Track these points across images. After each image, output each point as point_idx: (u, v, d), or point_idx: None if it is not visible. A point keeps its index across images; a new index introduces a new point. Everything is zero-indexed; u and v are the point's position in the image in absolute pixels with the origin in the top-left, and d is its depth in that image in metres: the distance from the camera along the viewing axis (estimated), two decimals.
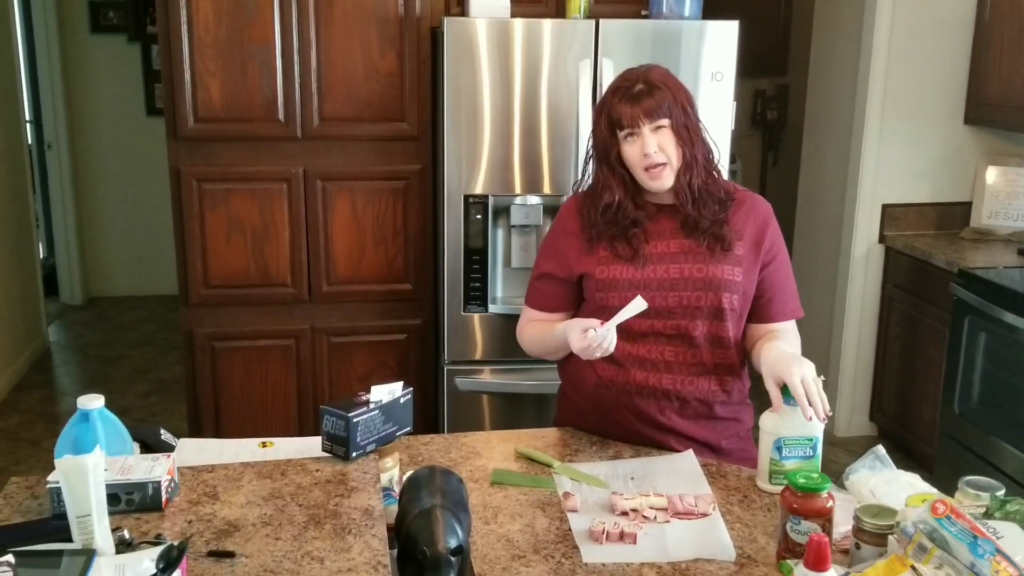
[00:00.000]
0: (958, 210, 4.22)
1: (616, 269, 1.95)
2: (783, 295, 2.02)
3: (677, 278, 1.94)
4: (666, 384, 1.97)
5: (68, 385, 5.14)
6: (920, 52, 4.08)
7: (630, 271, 1.94)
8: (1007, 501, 1.41)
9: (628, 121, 1.88)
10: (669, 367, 1.96)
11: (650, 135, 1.88)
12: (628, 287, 1.93)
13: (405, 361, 3.47)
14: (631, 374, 1.98)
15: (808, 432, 1.73)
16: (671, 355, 1.96)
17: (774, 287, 2.01)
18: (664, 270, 1.94)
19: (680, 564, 1.53)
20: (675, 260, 1.95)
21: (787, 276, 2.04)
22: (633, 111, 1.87)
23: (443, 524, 1.37)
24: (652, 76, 1.91)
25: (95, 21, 6.19)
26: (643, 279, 1.94)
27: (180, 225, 3.27)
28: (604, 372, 2.01)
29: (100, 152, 6.36)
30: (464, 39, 3.01)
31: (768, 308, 2.01)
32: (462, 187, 3.10)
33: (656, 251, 1.96)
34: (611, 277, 1.96)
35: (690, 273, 1.94)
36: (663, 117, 1.88)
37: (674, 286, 1.93)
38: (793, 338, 2.03)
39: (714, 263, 1.94)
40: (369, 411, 1.68)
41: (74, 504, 1.34)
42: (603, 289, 1.96)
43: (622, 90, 1.91)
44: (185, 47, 3.13)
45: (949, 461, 3.62)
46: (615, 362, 1.98)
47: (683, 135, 1.90)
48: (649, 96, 1.87)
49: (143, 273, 6.52)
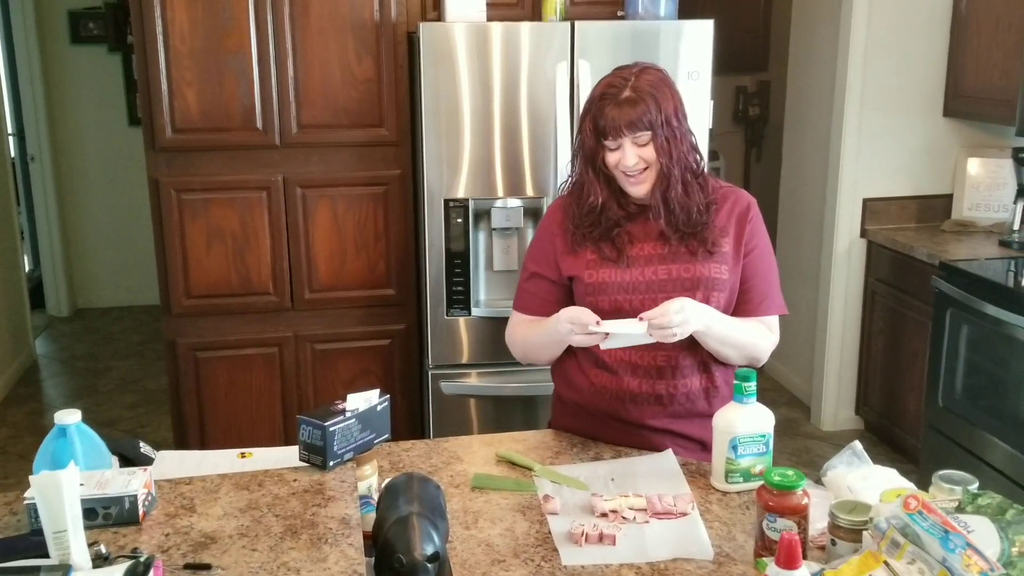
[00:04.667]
0: (939, 203, 4.24)
1: (604, 272, 1.95)
2: (761, 290, 2.00)
3: (665, 279, 1.94)
4: (659, 389, 1.96)
5: (55, 398, 5.12)
6: (898, 46, 4.10)
7: (617, 273, 1.94)
8: (979, 495, 1.42)
9: (611, 132, 1.87)
10: (661, 372, 1.96)
11: (631, 147, 1.87)
12: (617, 290, 1.94)
13: (389, 366, 3.47)
14: (624, 381, 1.97)
15: (760, 429, 1.74)
16: (663, 359, 1.95)
17: (751, 280, 1.98)
18: (652, 271, 1.94)
19: (659, 564, 1.54)
20: (662, 261, 1.95)
21: (766, 270, 2.01)
22: (616, 122, 1.85)
23: (420, 531, 1.38)
24: (641, 82, 1.87)
25: (75, 32, 6.17)
26: (631, 281, 1.94)
27: (160, 236, 3.26)
28: (597, 379, 2.00)
29: (83, 163, 6.35)
30: (441, 43, 3.02)
31: (744, 301, 1.99)
32: (442, 191, 3.11)
33: (642, 253, 1.96)
34: (600, 280, 1.95)
35: (677, 274, 1.94)
36: (644, 130, 1.86)
37: (662, 287, 1.93)
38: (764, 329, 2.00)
39: (699, 263, 1.93)
40: (345, 419, 1.68)
41: (50, 520, 1.34)
42: (592, 293, 1.96)
43: (609, 95, 1.88)
44: (161, 57, 3.12)
45: (934, 453, 3.64)
46: (608, 368, 1.98)
47: (663, 148, 1.88)
48: (633, 107, 1.85)
49: (129, 284, 6.50)
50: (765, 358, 2.02)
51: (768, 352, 2.01)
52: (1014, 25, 3.66)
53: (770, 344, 2.01)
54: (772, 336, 2.02)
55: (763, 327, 2.00)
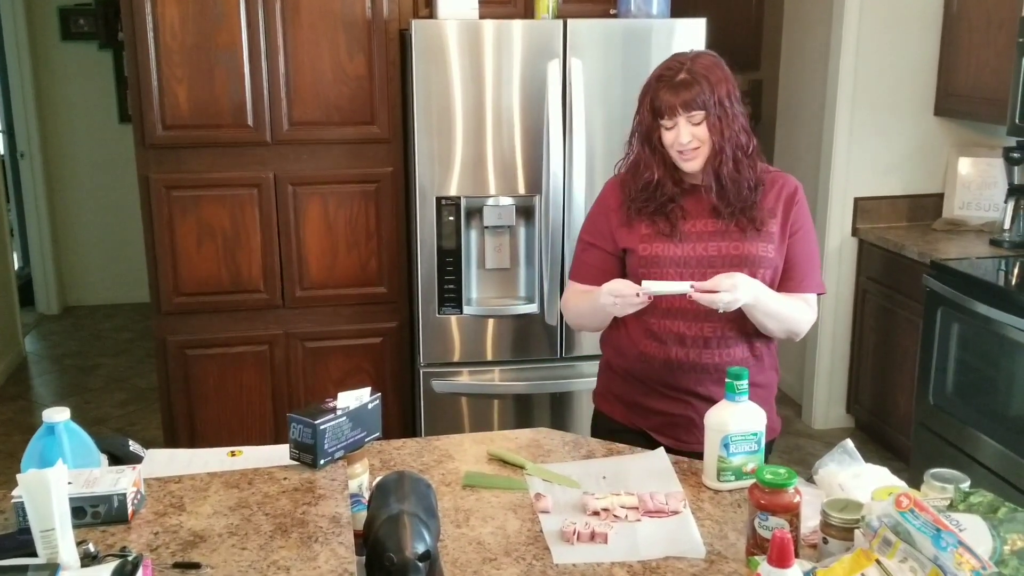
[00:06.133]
0: (930, 202, 4.25)
1: (658, 246, 2.03)
2: (803, 269, 2.08)
3: (715, 255, 2.02)
4: (705, 359, 2.05)
5: (45, 395, 5.10)
6: (889, 45, 4.10)
7: (671, 247, 2.03)
8: (970, 493, 1.42)
9: (667, 111, 1.96)
10: (707, 343, 2.04)
11: (685, 125, 1.96)
12: (670, 264, 2.02)
13: (381, 364, 3.46)
14: (671, 351, 2.05)
15: (752, 427, 1.75)
16: (709, 330, 2.03)
17: (795, 259, 2.07)
18: (703, 248, 2.03)
19: (650, 563, 1.54)
20: (712, 238, 2.03)
21: (809, 251, 2.10)
22: (672, 102, 1.95)
23: (410, 530, 1.37)
24: (696, 66, 1.97)
25: (65, 28, 6.14)
26: (683, 256, 2.02)
27: (150, 233, 3.25)
28: (646, 348, 2.08)
29: (74, 160, 6.32)
30: (433, 41, 3.01)
31: (786, 278, 2.07)
32: (434, 189, 3.10)
33: (694, 229, 2.04)
34: (654, 254, 2.04)
35: (726, 251, 2.02)
36: (698, 109, 1.95)
37: (712, 263, 2.01)
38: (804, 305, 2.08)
39: (747, 241, 2.02)
40: (336, 418, 1.67)
41: (37, 518, 1.33)
42: (646, 265, 2.04)
43: (665, 78, 1.98)
44: (152, 54, 3.11)
45: (925, 452, 3.64)
46: (656, 338, 2.06)
47: (715, 127, 1.96)
48: (687, 89, 1.94)
49: (119, 281, 6.47)
50: (804, 332, 2.12)
51: (807, 327, 2.10)
52: (1005, 24, 3.66)
53: (809, 319, 2.10)
54: (811, 312, 2.10)
55: (803, 303, 2.09)
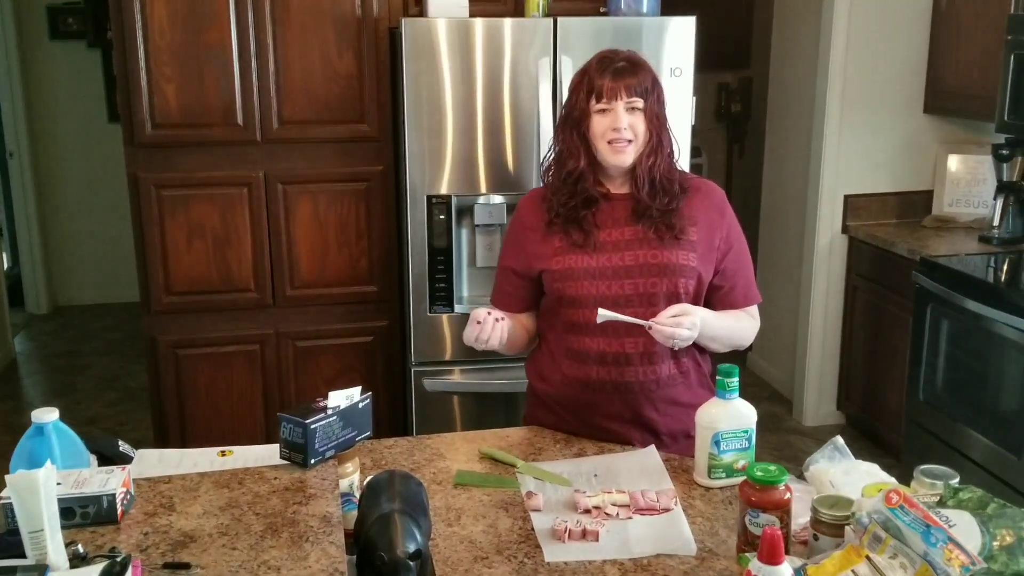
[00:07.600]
0: (919, 199, 4.26)
1: (572, 258, 1.98)
2: (744, 282, 2.08)
3: (632, 265, 1.96)
4: (628, 377, 1.98)
5: (35, 396, 5.08)
6: (879, 42, 4.11)
7: (585, 259, 1.97)
8: (960, 489, 1.42)
9: (607, 93, 1.92)
10: (629, 359, 1.97)
11: (623, 111, 1.92)
12: (585, 276, 1.96)
13: (372, 363, 3.46)
14: (592, 371, 1.99)
15: (743, 425, 1.75)
16: (631, 346, 1.97)
17: (735, 275, 2.06)
18: (619, 257, 1.97)
19: (642, 560, 1.54)
20: (629, 247, 1.97)
21: (746, 263, 2.09)
22: (614, 84, 1.92)
23: (401, 529, 1.37)
24: (636, 57, 1.98)
25: (54, 27, 6.12)
26: (598, 267, 1.96)
27: (140, 232, 3.23)
28: (568, 369, 2.02)
29: (63, 159, 6.29)
30: (423, 39, 3.00)
31: (730, 296, 2.06)
32: (425, 187, 3.09)
33: (610, 239, 1.98)
34: (568, 267, 1.98)
35: (644, 260, 1.96)
36: (640, 97, 1.93)
37: (629, 273, 1.96)
38: (748, 318, 2.09)
39: (666, 249, 1.96)
40: (327, 417, 1.67)
41: (26, 519, 1.33)
42: (561, 279, 1.99)
43: (607, 61, 1.96)
44: (140, 53, 3.09)
45: (916, 448, 3.65)
46: (577, 358, 2.00)
47: (653, 121, 1.95)
48: (632, 74, 1.93)
49: (109, 281, 6.45)
50: (749, 343, 2.12)
51: (753, 337, 2.11)
52: (994, 22, 3.67)
53: (754, 330, 2.11)
54: (756, 322, 2.11)
55: (748, 316, 2.09)
